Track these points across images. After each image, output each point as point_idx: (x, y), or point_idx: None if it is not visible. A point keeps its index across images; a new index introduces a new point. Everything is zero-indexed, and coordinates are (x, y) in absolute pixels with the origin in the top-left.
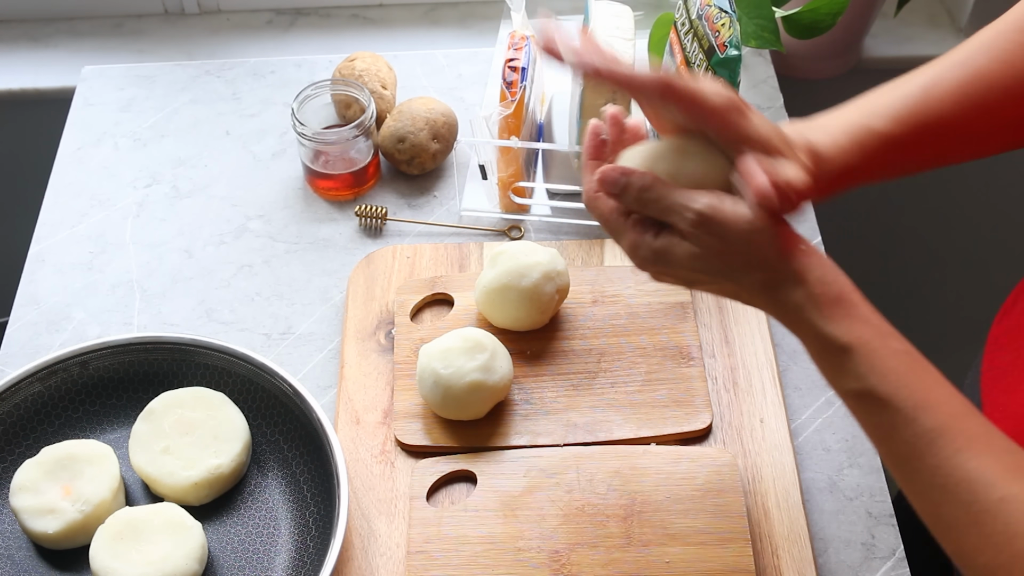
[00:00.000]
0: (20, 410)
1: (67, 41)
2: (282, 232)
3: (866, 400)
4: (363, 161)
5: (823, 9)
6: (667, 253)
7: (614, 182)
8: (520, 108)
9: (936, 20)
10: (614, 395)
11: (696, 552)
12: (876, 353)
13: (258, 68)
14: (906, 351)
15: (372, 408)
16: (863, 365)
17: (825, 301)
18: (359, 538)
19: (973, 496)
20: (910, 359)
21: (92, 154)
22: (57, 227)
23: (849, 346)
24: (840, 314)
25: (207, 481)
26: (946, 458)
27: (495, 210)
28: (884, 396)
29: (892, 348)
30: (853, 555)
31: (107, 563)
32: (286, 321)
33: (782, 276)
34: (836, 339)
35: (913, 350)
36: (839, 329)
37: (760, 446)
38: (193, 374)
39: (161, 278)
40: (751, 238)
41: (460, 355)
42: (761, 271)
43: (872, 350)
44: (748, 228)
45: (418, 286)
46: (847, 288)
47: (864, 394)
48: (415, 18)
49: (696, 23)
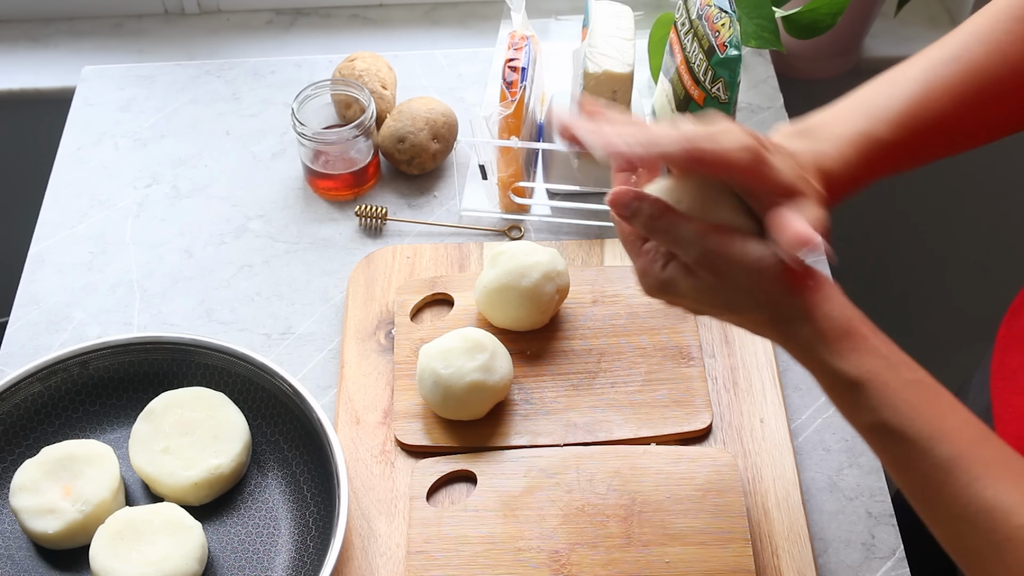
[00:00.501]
0: (20, 410)
1: (67, 41)
2: (282, 232)
3: (880, 433)
4: (363, 161)
5: (823, 9)
6: (672, 285)
7: (625, 205)
8: (520, 108)
9: (936, 20)
10: (614, 395)
11: (696, 552)
12: (887, 385)
13: (258, 68)
14: (918, 380)
15: (372, 408)
16: (874, 398)
17: (833, 336)
18: (359, 538)
19: (993, 525)
20: (922, 388)
21: (92, 154)
22: (57, 227)
23: (859, 380)
24: (848, 348)
25: (207, 481)
26: (963, 487)
27: (495, 210)
28: (897, 428)
29: (903, 379)
30: (853, 555)
31: (107, 563)
32: (286, 321)
33: (789, 313)
34: (846, 374)
35: (926, 377)
36: (848, 364)
37: (760, 446)
38: (193, 374)
39: (161, 278)
40: (757, 277)
41: (460, 355)
42: (768, 309)
43: (883, 382)
44: (754, 267)
45: (418, 286)
46: (856, 321)
47: (877, 427)
48: (415, 18)
49: (696, 23)
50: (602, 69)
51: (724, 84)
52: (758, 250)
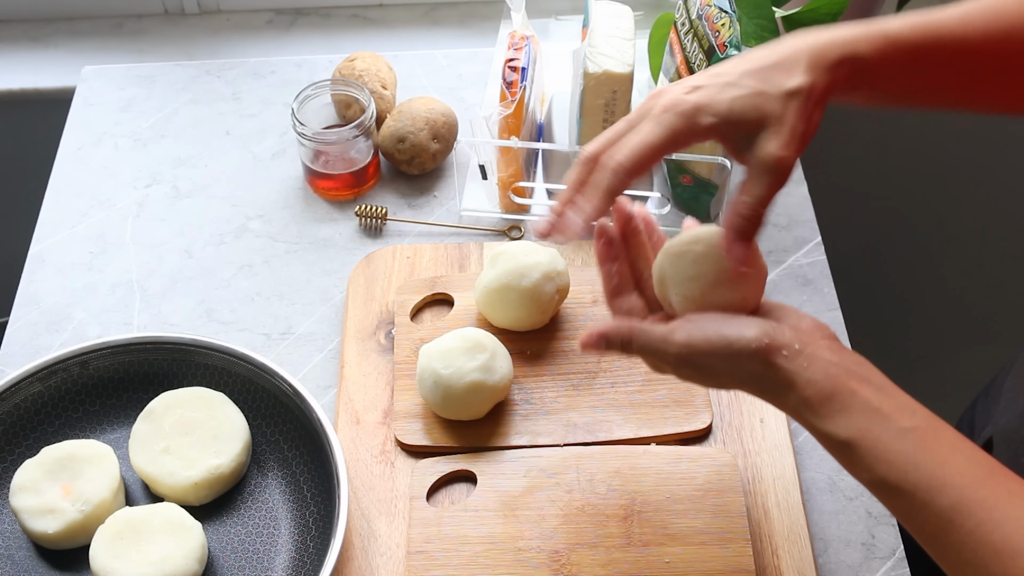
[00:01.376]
0: (20, 410)
1: (67, 41)
2: (282, 232)
3: (879, 488)
4: (363, 161)
5: (823, 9)
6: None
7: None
8: (520, 108)
9: None
10: (614, 395)
11: (696, 552)
12: (879, 441)
13: (258, 68)
14: (913, 428)
15: (372, 408)
16: (868, 457)
17: (818, 401)
18: (359, 538)
19: (1003, 568)
20: (918, 436)
21: (92, 154)
22: (57, 227)
23: (850, 441)
24: (836, 410)
25: (207, 481)
26: (968, 533)
27: (495, 210)
28: (895, 483)
29: (898, 429)
30: (853, 555)
31: (107, 563)
32: (286, 321)
33: (773, 385)
34: (835, 436)
35: (924, 420)
36: (837, 426)
37: (760, 446)
38: (193, 374)
39: (161, 278)
40: (733, 361)
41: (460, 355)
42: (753, 383)
43: (874, 439)
44: (727, 354)
45: (418, 286)
46: (842, 377)
47: (876, 483)
48: (415, 18)
49: (696, 23)
50: (602, 69)
51: None
52: (728, 334)
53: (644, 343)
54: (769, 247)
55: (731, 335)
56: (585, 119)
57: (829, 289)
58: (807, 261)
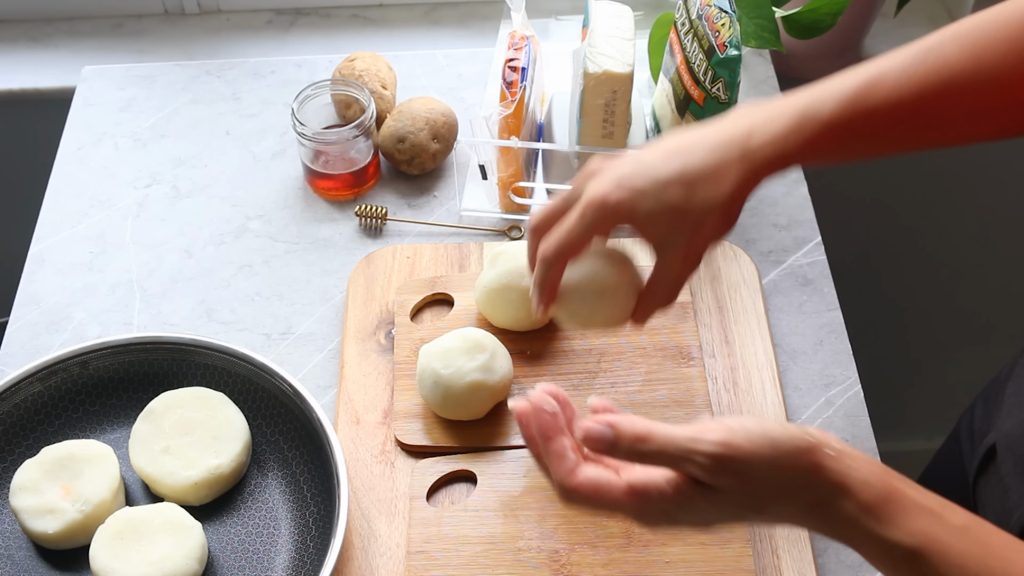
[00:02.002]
0: (20, 410)
1: (67, 41)
2: (282, 232)
3: None
4: (363, 161)
5: (823, 9)
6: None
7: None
8: (520, 108)
9: (936, 20)
10: (614, 395)
11: (696, 552)
12: (945, 546)
13: (258, 68)
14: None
15: (372, 408)
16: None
17: (877, 505)
18: (359, 538)
19: None
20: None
21: (92, 154)
22: (57, 227)
23: (917, 549)
24: (896, 512)
25: (207, 481)
26: None
27: (495, 210)
28: None
29: (955, 528)
30: (853, 555)
31: (107, 563)
32: (286, 321)
33: (825, 493)
34: (902, 545)
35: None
36: (901, 532)
37: None
38: (193, 374)
39: (161, 278)
40: (778, 464)
41: (460, 355)
42: (800, 495)
43: (941, 545)
44: (772, 455)
45: (418, 286)
46: (890, 476)
47: None
48: (415, 18)
49: (696, 23)
50: (602, 69)
51: (724, 84)
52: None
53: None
54: (769, 247)
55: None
56: (585, 119)
57: (829, 289)
58: (807, 261)
